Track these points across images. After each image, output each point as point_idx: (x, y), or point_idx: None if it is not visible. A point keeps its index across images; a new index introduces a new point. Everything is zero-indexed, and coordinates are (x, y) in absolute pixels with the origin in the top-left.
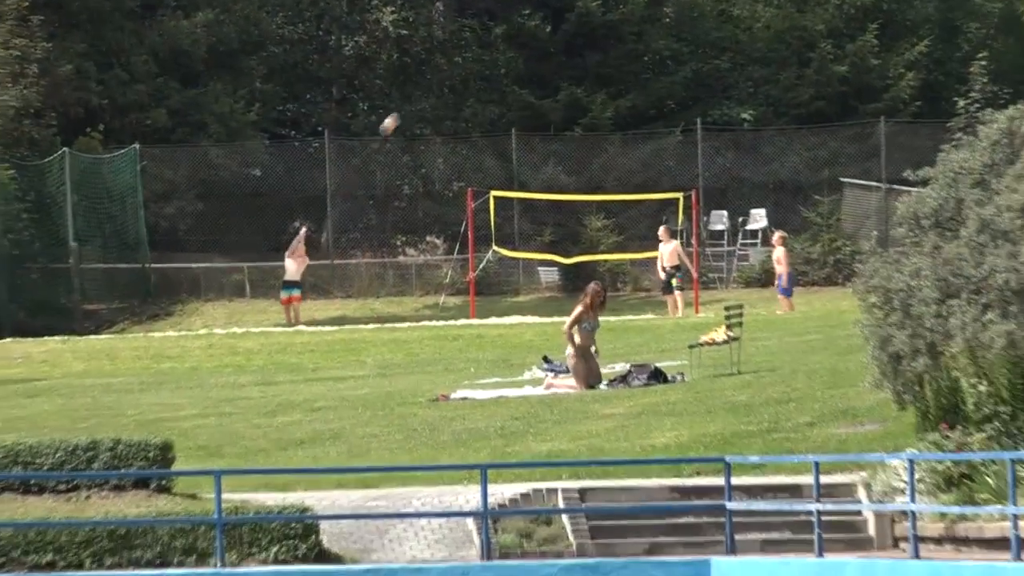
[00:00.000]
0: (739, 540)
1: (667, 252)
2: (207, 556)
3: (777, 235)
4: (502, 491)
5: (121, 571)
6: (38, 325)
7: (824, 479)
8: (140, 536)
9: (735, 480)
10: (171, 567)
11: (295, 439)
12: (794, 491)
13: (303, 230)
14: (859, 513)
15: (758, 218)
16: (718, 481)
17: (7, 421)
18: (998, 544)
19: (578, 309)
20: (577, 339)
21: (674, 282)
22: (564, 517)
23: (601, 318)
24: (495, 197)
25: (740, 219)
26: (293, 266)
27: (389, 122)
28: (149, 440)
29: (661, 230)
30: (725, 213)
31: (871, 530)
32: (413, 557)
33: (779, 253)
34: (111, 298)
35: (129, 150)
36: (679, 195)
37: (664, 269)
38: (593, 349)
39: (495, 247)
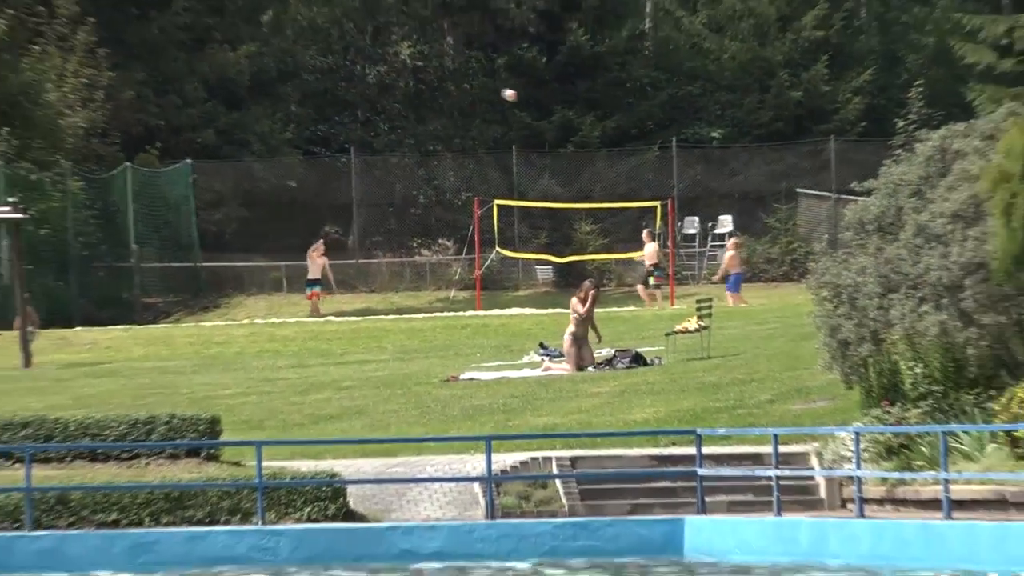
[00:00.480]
0: (709, 502)
1: (648, 252)
2: (250, 515)
3: (731, 241)
4: (504, 459)
5: (176, 528)
6: (104, 316)
7: (782, 449)
8: (192, 498)
9: (705, 450)
10: (218, 525)
11: (325, 414)
12: (756, 459)
13: (321, 238)
14: (812, 478)
15: (725, 223)
16: (690, 451)
17: (77, 399)
18: (932, 505)
19: (583, 305)
20: (572, 327)
21: (651, 280)
22: (557, 482)
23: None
24: (498, 205)
25: (710, 224)
26: (312, 266)
27: (510, 93)
28: (200, 415)
29: (644, 233)
30: (697, 219)
31: (822, 493)
32: (427, 516)
33: (727, 255)
34: (167, 292)
35: (182, 165)
36: (657, 203)
37: (651, 266)
38: (595, 338)
39: (498, 248)
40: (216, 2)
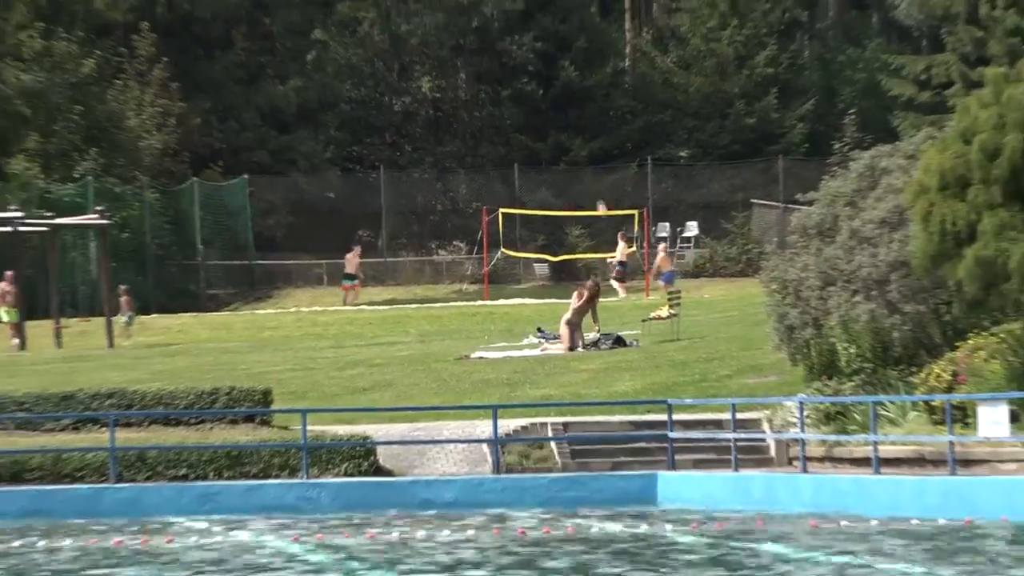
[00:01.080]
0: (678, 460)
1: (619, 250)
2: (296, 471)
3: (661, 246)
4: (507, 424)
5: (235, 481)
6: (175, 305)
7: (739, 416)
8: (248, 456)
9: (675, 416)
10: (270, 479)
11: (359, 387)
12: (717, 424)
13: (357, 243)
14: (763, 440)
15: (691, 228)
16: (662, 417)
17: (153, 374)
18: (863, 463)
19: (577, 299)
20: (568, 315)
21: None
22: (552, 443)
23: (576, 291)
24: (502, 213)
25: (678, 228)
26: (348, 264)
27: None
28: (254, 387)
29: (619, 235)
30: (668, 224)
31: (772, 452)
32: (444, 471)
33: (659, 257)
34: (227, 285)
35: (240, 180)
36: (635, 211)
37: (619, 263)
38: (594, 330)
39: (503, 249)
40: (268, 44)
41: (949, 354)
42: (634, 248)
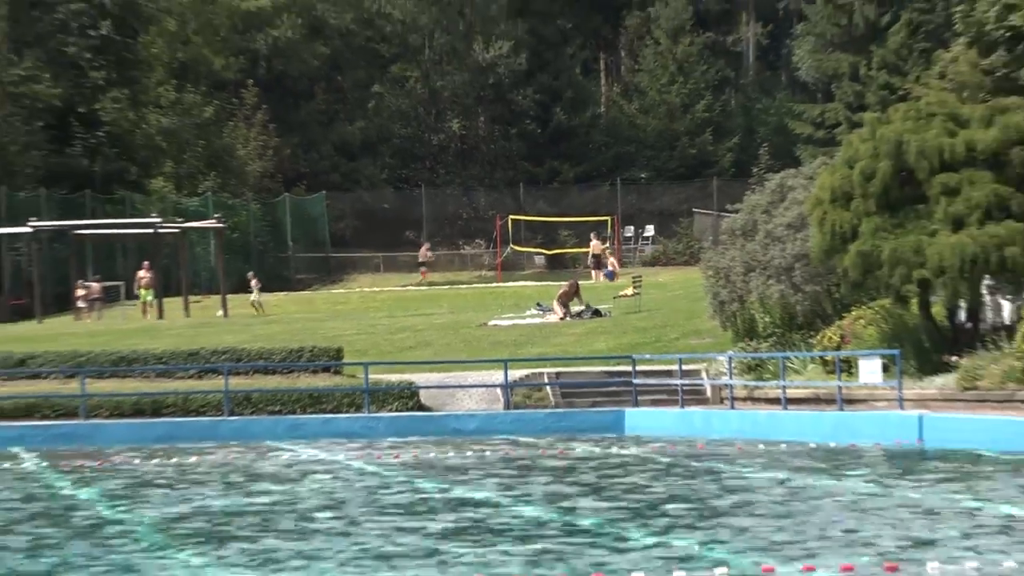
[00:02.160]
0: (640, 399)
1: (592, 246)
2: (360, 407)
3: (594, 242)
4: (515, 374)
5: (315, 415)
6: (271, 287)
7: (684, 367)
8: (325, 397)
9: (637, 368)
10: (341, 413)
11: (406, 346)
12: (668, 374)
13: (426, 241)
14: (702, 385)
15: (649, 230)
16: (628, 368)
17: (255, 336)
18: (775, 401)
19: (564, 288)
20: (558, 300)
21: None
22: (547, 388)
23: (564, 282)
24: (511, 219)
25: (640, 230)
26: (421, 256)
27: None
28: (330, 346)
29: (592, 235)
30: (632, 227)
31: (708, 394)
32: (468, 408)
33: (592, 244)
34: (310, 271)
35: (319, 195)
36: (608, 218)
37: (593, 255)
38: (578, 305)
39: (511, 245)
40: (340, 95)
41: (837, 322)
42: (606, 244)
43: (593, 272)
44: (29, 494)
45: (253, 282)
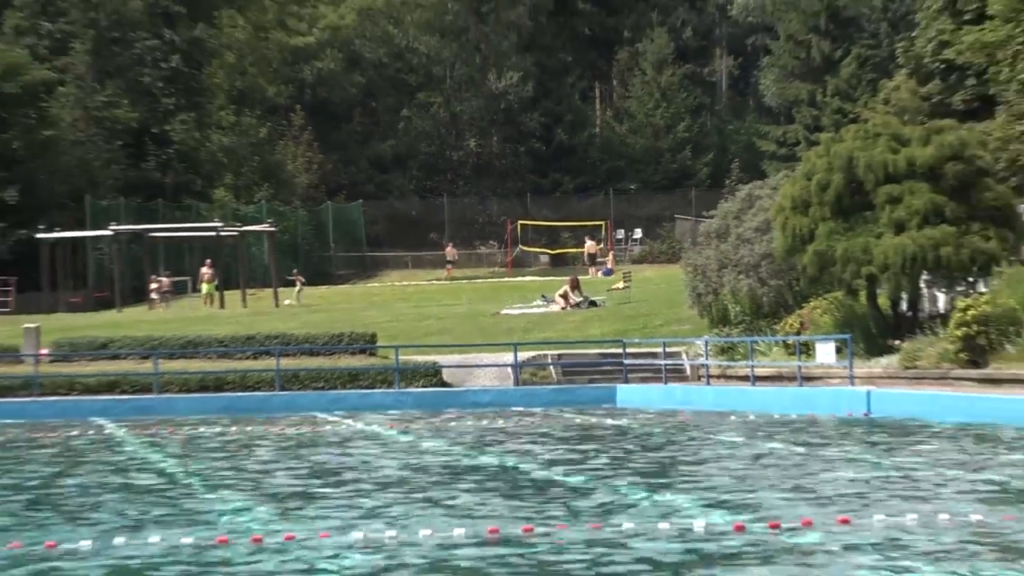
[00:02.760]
0: (629, 377)
1: (587, 247)
2: (391, 384)
3: (591, 243)
4: (523, 355)
5: (353, 390)
6: (315, 281)
7: (668, 349)
8: (362, 375)
9: (627, 350)
10: (375, 389)
11: (431, 332)
12: (654, 355)
13: (451, 241)
14: (682, 365)
15: (637, 233)
16: (619, 350)
17: (302, 323)
18: (744, 379)
19: (566, 287)
20: (561, 292)
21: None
22: (551, 367)
23: (566, 277)
24: (520, 224)
25: (629, 233)
26: (448, 254)
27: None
28: (366, 332)
29: (586, 237)
30: (623, 230)
31: (688, 372)
32: (483, 384)
33: (587, 245)
34: (348, 268)
35: (357, 203)
36: (602, 222)
37: (588, 254)
38: (577, 296)
39: (520, 245)
40: (374, 118)
41: (797, 311)
42: (601, 244)
43: (590, 268)
44: (111, 456)
45: (298, 278)
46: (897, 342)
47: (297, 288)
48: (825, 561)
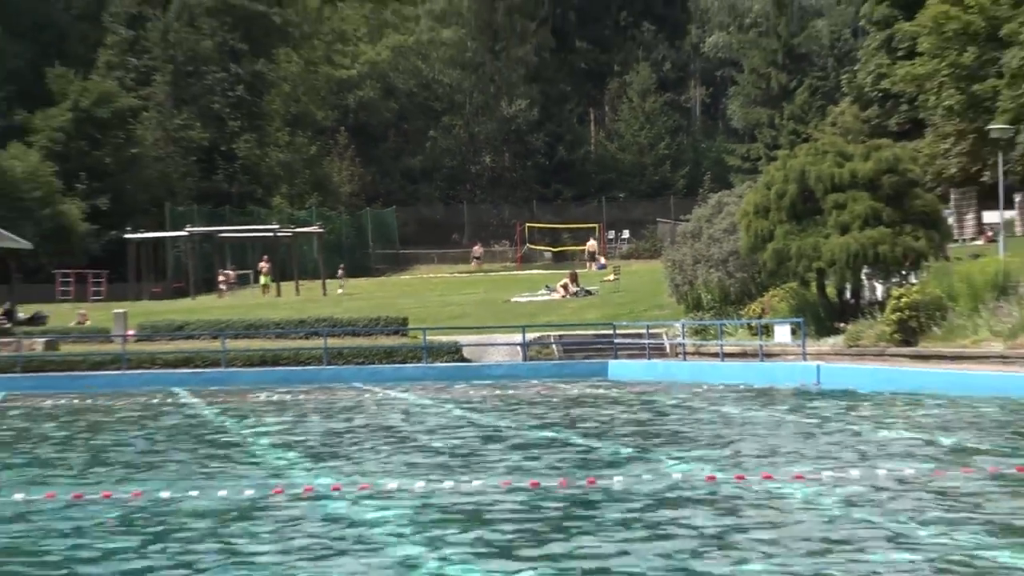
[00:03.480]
0: (619, 354)
1: (589, 245)
2: (419, 359)
3: (592, 242)
4: (530, 335)
5: (388, 365)
6: (357, 274)
7: (651, 331)
8: (396, 352)
9: (617, 331)
10: (407, 364)
11: (454, 316)
12: (639, 336)
13: (479, 241)
14: (663, 344)
15: (626, 234)
16: (610, 332)
17: (345, 309)
18: (715, 355)
19: (566, 279)
20: (562, 283)
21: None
22: (553, 345)
23: (566, 271)
24: (528, 226)
25: (619, 234)
26: (475, 252)
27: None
28: (399, 316)
29: (590, 237)
30: (614, 231)
31: (668, 350)
32: (496, 360)
33: (589, 244)
34: (384, 263)
35: (391, 208)
36: (596, 225)
37: (589, 251)
38: (575, 287)
39: (528, 244)
40: (406, 137)
41: (759, 299)
42: (593, 246)
43: (589, 264)
44: (187, 418)
45: (341, 271)
46: (842, 325)
47: (341, 280)
48: (784, 507)
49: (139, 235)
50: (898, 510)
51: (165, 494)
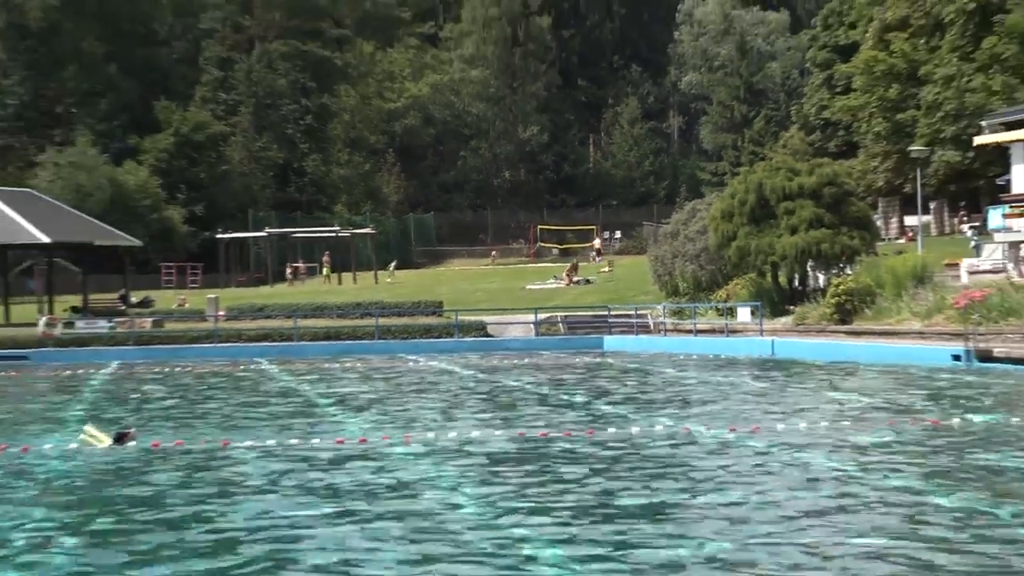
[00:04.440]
0: (613, 331)
1: (595, 243)
2: (452, 335)
3: (597, 241)
4: (541, 316)
5: (427, 339)
6: (403, 267)
7: (638, 312)
8: (432, 329)
9: (612, 312)
10: (442, 338)
11: (480, 300)
12: (628, 316)
13: (495, 252)
14: (648, 323)
15: (618, 234)
16: (605, 313)
17: (393, 295)
18: (689, 332)
19: (568, 268)
20: (565, 273)
21: (592, 254)
22: (560, 324)
23: (567, 263)
24: (540, 228)
25: (613, 234)
26: (493, 255)
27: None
28: (436, 300)
29: (598, 238)
30: (608, 232)
31: (652, 327)
32: (514, 335)
33: (596, 242)
34: (424, 258)
35: (430, 214)
36: (594, 227)
37: (595, 248)
38: (576, 276)
39: (540, 242)
40: (442, 158)
41: (725, 287)
42: (599, 244)
43: (594, 257)
44: (269, 383)
45: (392, 264)
46: (792, 307)
47: (391, 270)
48: (740, 453)
49: (228, 235)
50: (844, 452)
51: (247, 442)
